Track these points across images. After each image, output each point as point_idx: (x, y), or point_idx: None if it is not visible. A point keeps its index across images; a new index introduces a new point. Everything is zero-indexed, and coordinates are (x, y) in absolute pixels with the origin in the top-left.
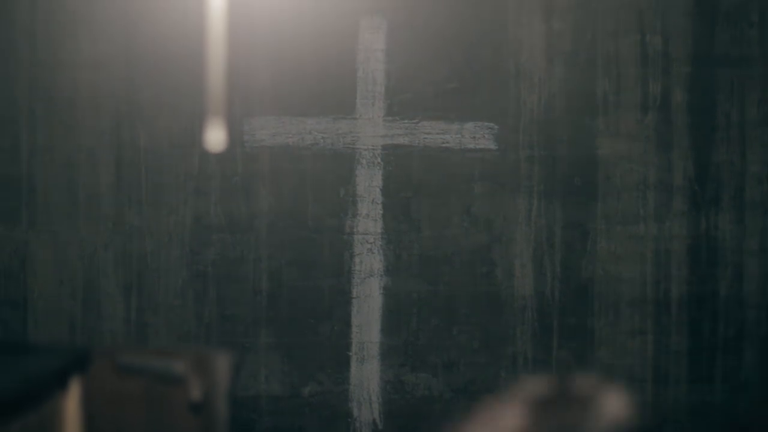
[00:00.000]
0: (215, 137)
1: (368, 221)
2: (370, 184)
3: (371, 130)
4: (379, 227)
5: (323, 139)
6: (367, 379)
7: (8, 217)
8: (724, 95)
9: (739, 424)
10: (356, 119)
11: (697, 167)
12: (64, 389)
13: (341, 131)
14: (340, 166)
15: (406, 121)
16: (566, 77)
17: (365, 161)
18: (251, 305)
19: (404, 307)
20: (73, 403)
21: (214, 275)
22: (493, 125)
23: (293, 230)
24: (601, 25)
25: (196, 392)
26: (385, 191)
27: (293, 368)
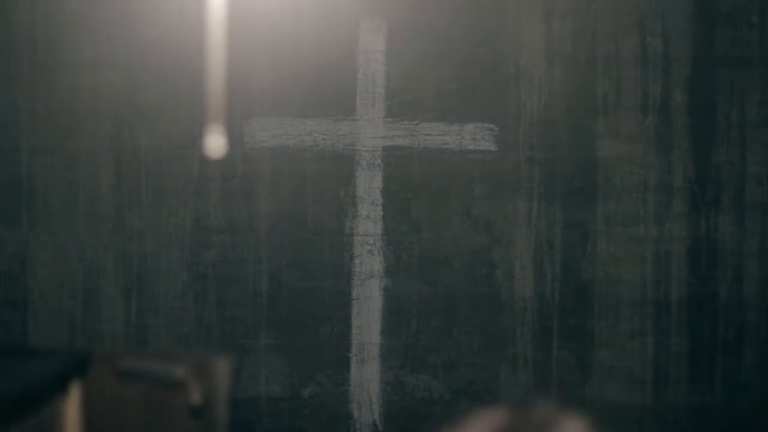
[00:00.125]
0: (215, 143)
1: (368, 223)
2: (370, 185)
3: (371, 131)
4: (379, 229)
5: (323, 140)
6: (367, 380)
7: (8, 218)
8: (724, 96)
9: (739, 425)
10: (356, 121)
11: (697, 169)
12: (64, 393)
13: (341, 133)
14: (340, 167)
15: (406, 122)
16: (566, 78)
17: (365, 163)
18: (251, 307)
19: (404, 308)
20: (73, 407)
21: (214, 277)
22: (493, 126)
23: (293, 232)
24: (601, 26)
25: (196, 397)
26: (385, 193)
27: (293, 369)
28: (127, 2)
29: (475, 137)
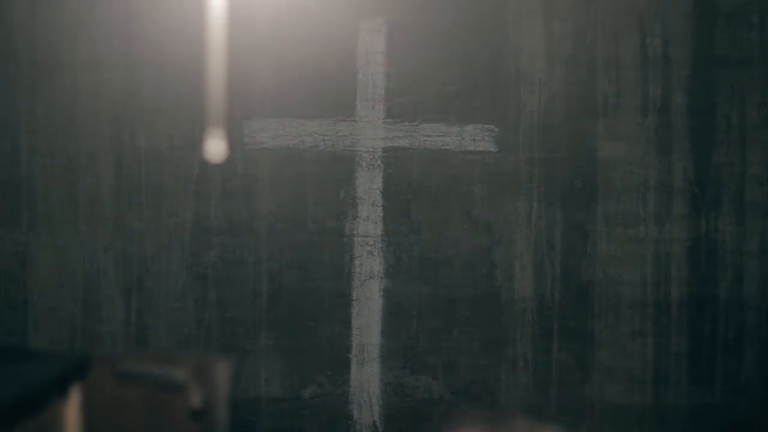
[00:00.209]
0: (215, 147)
1: (368, 223)
2: (370, 186)
3: (371, 132)
4: (379, 229)
5: (323, 141)
6: (367, 381)
7: (8, 219)
8: (724, 97)
9: (739, 425)
10: (356, 122)
11: (697, 169)
12: (64, 396)
13: (341, 133)
14: (340, 168)
15: (406, 123)
16: (566, 79)
17: (365, 163)
18: (251, 307)
19: (404, 309)
20: (73, 410)
21: (214, 277)
22: (493, 127)
23: (293, 232)
24: (601, 27)
25: (196, 399)
26: (385, 193)
27: (293, 370)
28: (126, 3)
29: (475, 138)
